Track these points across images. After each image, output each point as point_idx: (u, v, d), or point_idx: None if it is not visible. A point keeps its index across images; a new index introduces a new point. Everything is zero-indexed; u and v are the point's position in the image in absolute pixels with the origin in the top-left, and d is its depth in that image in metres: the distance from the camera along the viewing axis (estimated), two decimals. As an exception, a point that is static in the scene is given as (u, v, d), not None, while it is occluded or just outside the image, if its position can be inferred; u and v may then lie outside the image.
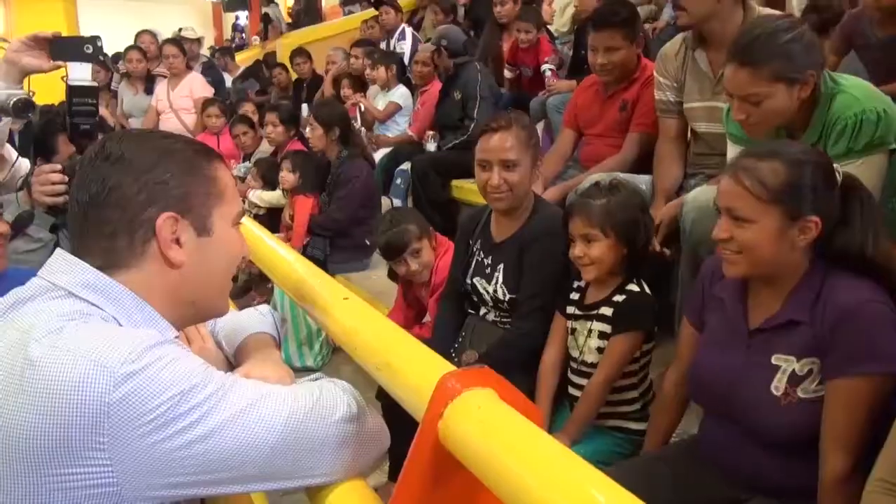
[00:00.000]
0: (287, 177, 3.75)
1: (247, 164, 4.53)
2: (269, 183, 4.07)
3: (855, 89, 1.72)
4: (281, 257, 1.77)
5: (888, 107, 1.70)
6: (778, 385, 1.31)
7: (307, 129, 3.90)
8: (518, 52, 4.38)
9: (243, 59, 8.78)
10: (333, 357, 3.30)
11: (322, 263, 3.36)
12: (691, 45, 2.36)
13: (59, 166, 1.70)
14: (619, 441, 1.78)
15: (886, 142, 1.68)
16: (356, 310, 1.20)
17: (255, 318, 1.21)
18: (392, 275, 2.57)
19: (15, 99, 1.59)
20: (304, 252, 3.49)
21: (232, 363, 1.16)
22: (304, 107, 5.86)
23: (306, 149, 4.08)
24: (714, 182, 2.17)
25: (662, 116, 2.50)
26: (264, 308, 1.26)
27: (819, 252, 1.33)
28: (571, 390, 1.83)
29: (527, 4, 4.72)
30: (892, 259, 1.30)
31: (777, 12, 2.31)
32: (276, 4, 10.92)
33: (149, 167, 0.93)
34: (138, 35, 5.93)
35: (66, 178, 1.65)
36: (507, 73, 4.50)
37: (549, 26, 4.67)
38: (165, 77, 5.52)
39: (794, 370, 1.30)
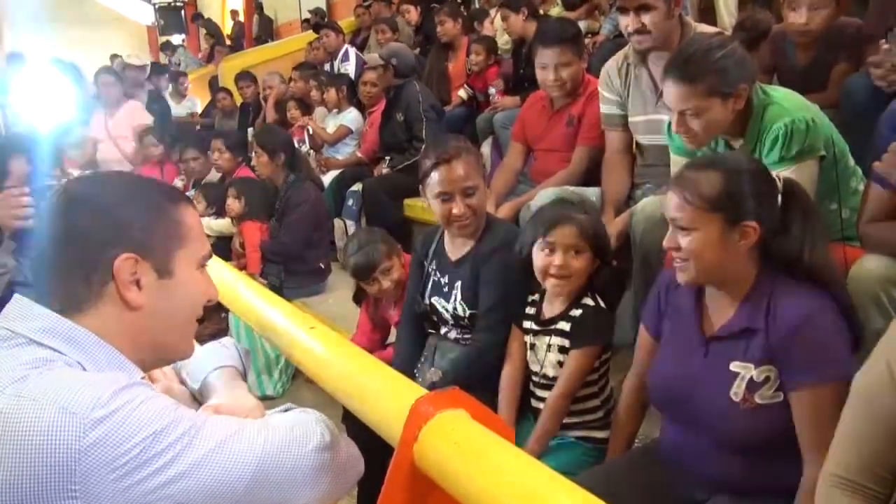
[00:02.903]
0: (232, 204, 3.73)
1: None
2: (219, 209, 4.03)
3: (785, 101, 1.84)
4: (240, 288, 1.77)
5: (816, 116, 1.81)
6: (737, 391, 1.37)
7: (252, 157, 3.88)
8: (473, 76, 4.49)
9: (193, 80, 8.59)
10: (293, 383, 3.28)
11: (278, 290, 3.34)
12: (634, 61, 2.45)
13: (26, 189, 1.68)
14: (586, 451, 1.82)
15: (816, 149, 1.78)
16: (325, 339, 1.22)
17: (219, 352, 1.20)
18: (357, 297, 2.58)
19: None
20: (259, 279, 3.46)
21: (198, 399, 1.16)
22: (251, 131, 5.82)
23: (255, 175, 4.06)
24: (661, 192, 2.27)
25: (608, 130, 2.58)
26: (228, 340, 1.26)
27: (766, 259, 1.40)
28: (534, 403, 1.87)
29: (469, 24, 4.83)
30: (830, 266, 1.38)
31: (712, 29, 2.42)
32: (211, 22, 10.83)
33: (110, 207, 0.93)
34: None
35: (33, 201, 1.63)
36: (461, 93, 4.59)
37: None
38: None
39: (752, 377, 1.36)
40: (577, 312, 1.80)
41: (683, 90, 1.76)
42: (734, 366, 1.39)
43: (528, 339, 1.88)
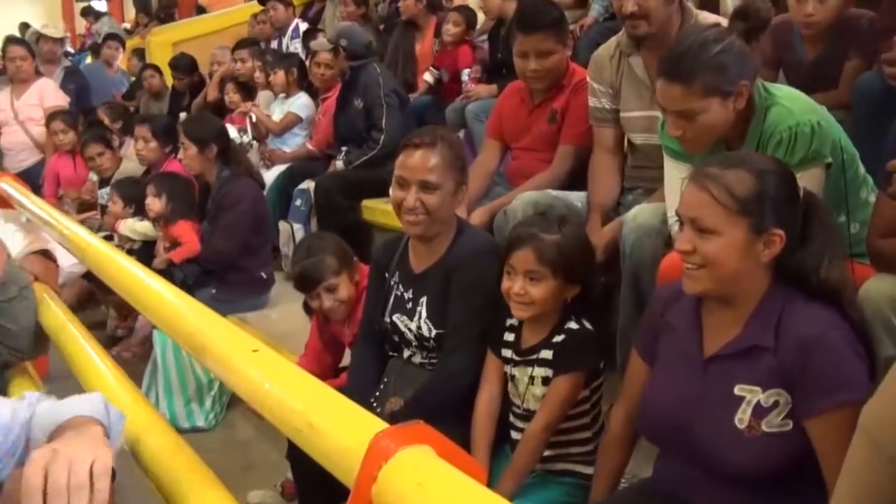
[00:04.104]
0: (152, 203, 3.69)
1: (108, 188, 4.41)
2: (140, 208, 3.98)
3: (789, 101, 1.89)
4: (169, 301, 1.77)
5: (823, 119, 1.86)
6: (742, 417, 1.41)
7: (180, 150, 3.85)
8: (441, 52, 4.50)
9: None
10: (228, 413, 3.26)
11: (188, 290, 3.29)
12: (627, 49, 2.50)
13: None
14: (569, 488, 1.85)
15: (822, 155, 1.83)
16: (269, 363, 1.23)
17: (80, 403, 1.22)
18: (308, 307, 2.59)
19: None
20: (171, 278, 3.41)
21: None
22: (183, 116, 5.77)
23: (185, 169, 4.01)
24: (654, 198, 2.32)
25: (597, 125, 2.63)
26: (97, 396, 1.26)
27: (776, 273, 1.45)
28: (514, 434, 1.90)
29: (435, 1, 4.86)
30: (847, 283, 1.44)
31: (713, 17, 2.48)
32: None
33: None
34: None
35: None
36: (427, 77, 4.61)
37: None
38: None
39: (759, 401, 1.40)
40: (560, 338, 1.83)
41: (678, 90, 1.79)
42: (739, 389, 1.42)
43: (508, 369, 1.91)
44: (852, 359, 1.36)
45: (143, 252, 3.81)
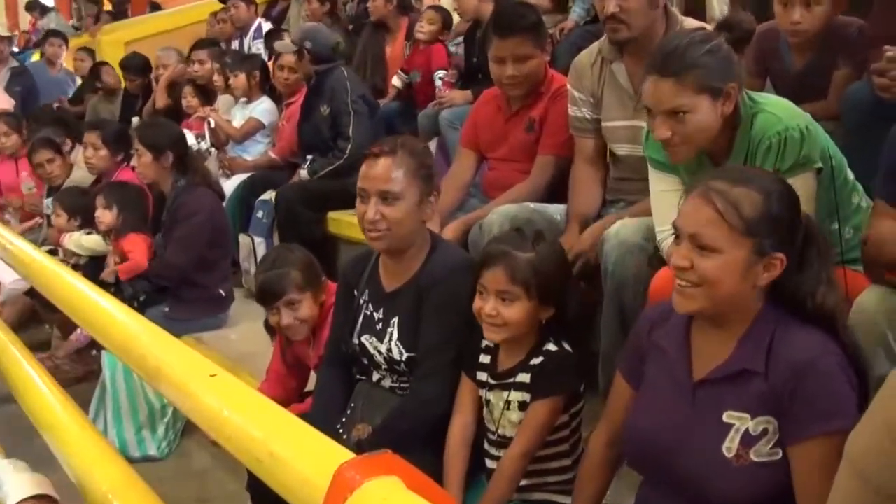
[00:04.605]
0: (102, 215, 3.66)
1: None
2: (87, 221, 3.94)
3: (775, 108, 1.95)
4: (119, 321, 1.76)
5: (810, 124, 1.93)
6: (730, 446, 1.43)
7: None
8: (414, 52, 4.51)
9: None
10: (183, 442, 3.24)
11: (138, 308, 3.27)
12: (609, 55, 2.53)
13: None
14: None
15: (812, 160, 1.90)
16: (227, 388, 1.22)
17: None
18: (269, 326, 2.59)
19: None
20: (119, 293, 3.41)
21: None
22: (136, 121, 5.74)
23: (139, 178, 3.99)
24: (637, 212, 2.35)
25: (578, 135, 2.66)
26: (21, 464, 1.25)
27: (769, 294, 1.48)
28: (489, 463, 1.90)
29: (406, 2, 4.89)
30: (842, 310, 1.47)
31: (698, 23, 2.54)
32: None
33: None
34: None
35: None
36: (395, 82, 4.63)
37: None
38: None
39: (747, 429, 1.43)
40: (537, 360, 1.84)
41: (668, 86, 1.84)
42: (728, 416, 1.45)
43: (483, 393, 1.92)
44: (844, 386, 1.39)
45: (90, 268, 3.77)
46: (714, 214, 1.42)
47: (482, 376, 1.92)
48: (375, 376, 2.09)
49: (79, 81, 7.33)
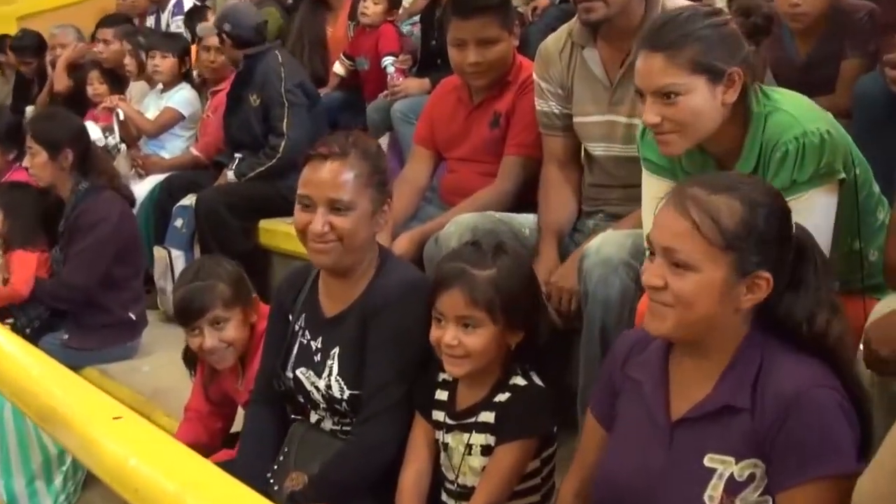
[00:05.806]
0: None
1: None
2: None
3: (792, 107, 1.95)
4: (5, 352, 1.73)
5: (832, 127, 1.92)
6: (713, 494, 1.45)
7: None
8: (358, 35, 4.51)
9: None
10: (85, 494, 3.20)
11: (29, 337, 3.22)
12: (580, 40, 2.54)
13: None
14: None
15: (834, 170, 1.90)
16: (135, 432, 1.22)
17: None
18: (188, 356, 2.56)
19: None
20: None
21: None
22: (30, 110, 5.66)
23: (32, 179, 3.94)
24: (622, 224, 2.36)
25: (547, 133, 2.68)
26: None
27: (757, 319, 1.50)
28: (446, 516, 1.91)
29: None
30: (846, 343, 1.49)
31: (684, 1, 2.57)
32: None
33: None
34: None
35: None
36: (337, 69, 4.62)
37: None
38: None
39: (732, 474, 1.44)
40: (503, 397, 1.85)
41: (660, 61, 1.84)
42: (710, 460, 1.46)
43: (440, 436, 1.92)
44: (840, 423, 1.40)
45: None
46: (689, 226, 1.44)
47: (439, 416, 1.92)
48: (313, 417, 2.09)
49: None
